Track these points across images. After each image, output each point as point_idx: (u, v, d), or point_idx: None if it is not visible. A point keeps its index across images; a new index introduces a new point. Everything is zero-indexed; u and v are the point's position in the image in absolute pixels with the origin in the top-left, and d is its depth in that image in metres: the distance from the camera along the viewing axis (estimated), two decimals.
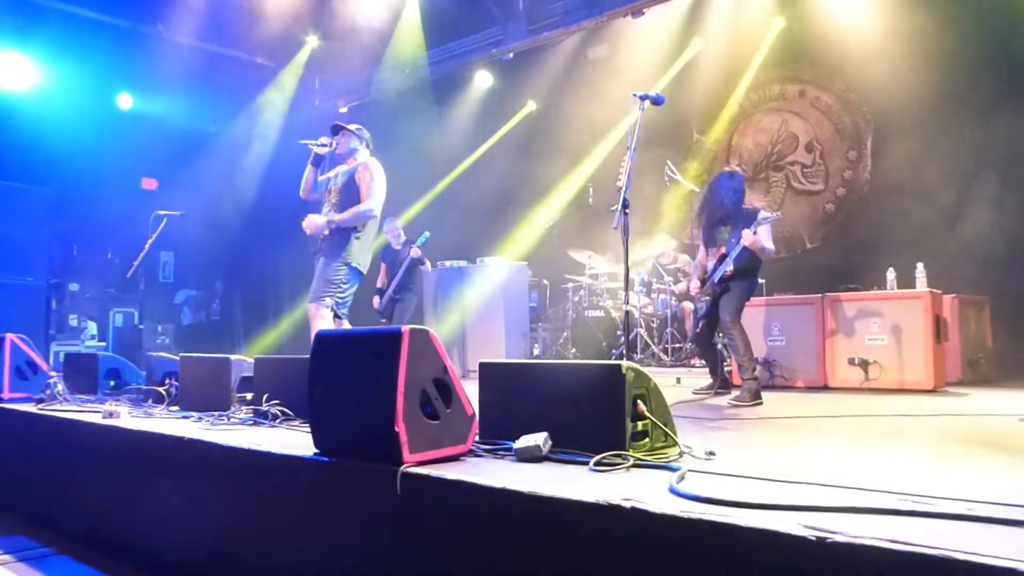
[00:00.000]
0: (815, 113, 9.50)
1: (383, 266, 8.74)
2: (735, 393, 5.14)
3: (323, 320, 5.23)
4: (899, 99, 8.39)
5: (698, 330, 5.71)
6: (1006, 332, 6.91)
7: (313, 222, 5.29)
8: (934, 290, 5.82)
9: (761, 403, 4.87)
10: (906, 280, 6.12)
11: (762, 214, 5.16)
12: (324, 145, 5.43)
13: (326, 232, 5.30)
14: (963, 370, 6.24)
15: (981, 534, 1.58)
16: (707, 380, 5.82)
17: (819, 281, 7.06)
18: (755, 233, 5.06)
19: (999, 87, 7.66)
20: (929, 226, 7.63)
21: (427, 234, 8.49)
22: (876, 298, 5.94)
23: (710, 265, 5.44)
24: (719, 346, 5.97)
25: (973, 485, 2.22)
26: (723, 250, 5.33)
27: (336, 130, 5.55)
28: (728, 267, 5.21)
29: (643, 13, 8.74)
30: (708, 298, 5.46)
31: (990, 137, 7.59)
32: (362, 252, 5.42)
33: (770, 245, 5.18)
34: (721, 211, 5.43)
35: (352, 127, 5.59)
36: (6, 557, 3.59)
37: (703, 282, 5.44)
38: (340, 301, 5.32)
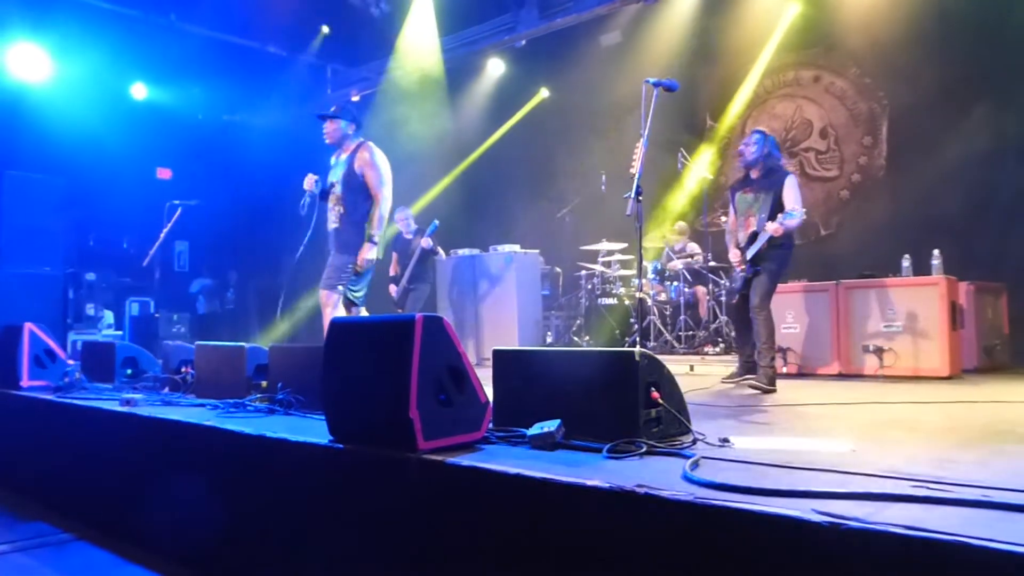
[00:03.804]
0: (829, 99, 9.41)
1: (394, 255, 8.74)
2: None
3: (335, 308, 5.27)
4: (914, 84, 8.31)
5: (734, 302, 5.65)
6: (1022, 319, 6.85)
7: (364, 257, 5.31)
8: (950, 277, 5.78)
9: (775, 391, 4.86)
10: (922, 267, 6.08)
11: (787, 187, 5.12)
12: (317, 183, 5.46)
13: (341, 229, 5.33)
14: (979, 357, 6.19)
15: (997, 521, 1.57)
16: (720, 368, 5.79)
17: (834, 268, 7.02)
18: (781, 225, 5.00)
19: (1016, 71, 7.56)
20: (944, 212, 7.57)
21: (436, 222, 8.44)
22: (891, 285, 5.90)
23: (741, 236, 5.36)
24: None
25: (988, 472, 2.21)
26: (753, 226, 5.26)
27: (323, 119, 5.53)
28: (762, 244, 5.14)
29: None
30: (743, 272, 5.30)
31: (1006, 122, 7.50)
32: None
33: (793, 222, 5.01)
34: (748, 174, 5.39)
35: (332, 109, 5.57)
36: (26, 542, 3.64)
37: (741, 251, 5.34)
38: (354, 289, 5.35)
